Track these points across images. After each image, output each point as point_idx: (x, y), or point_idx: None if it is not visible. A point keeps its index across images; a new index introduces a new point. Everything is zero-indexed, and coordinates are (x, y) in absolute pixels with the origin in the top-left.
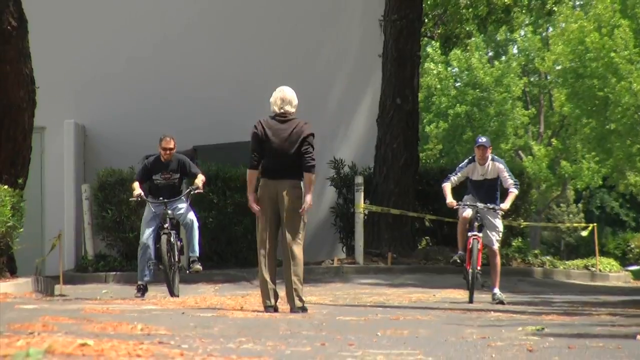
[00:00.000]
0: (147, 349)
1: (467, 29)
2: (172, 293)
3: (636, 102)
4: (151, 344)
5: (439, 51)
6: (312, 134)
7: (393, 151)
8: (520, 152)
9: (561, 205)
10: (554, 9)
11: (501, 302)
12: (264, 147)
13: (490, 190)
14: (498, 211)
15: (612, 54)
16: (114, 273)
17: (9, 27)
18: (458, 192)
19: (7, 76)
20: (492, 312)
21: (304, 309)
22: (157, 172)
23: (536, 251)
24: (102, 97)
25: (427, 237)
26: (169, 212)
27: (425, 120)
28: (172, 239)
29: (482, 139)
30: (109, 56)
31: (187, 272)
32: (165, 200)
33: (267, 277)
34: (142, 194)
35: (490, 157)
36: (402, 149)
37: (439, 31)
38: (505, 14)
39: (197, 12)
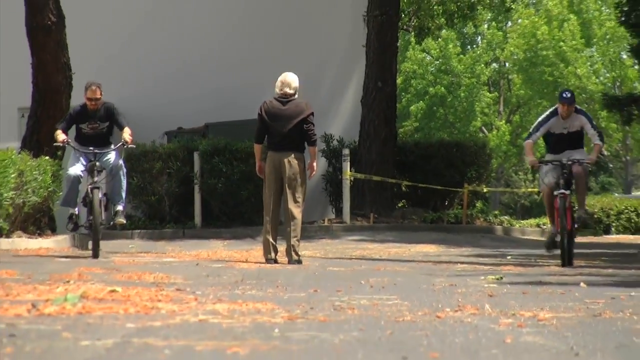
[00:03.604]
0: (167, 295)
1: (438, 22)
2: (97, 254)
3: (581, 84)
4: (170, 291)
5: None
6: (312, 113)
7: (375, 127)
8: (483, 128)
9: (519, 173)
10: (511, 6)
11: (584, 222)
12: (267, 125)
13: (573, 141)
14: (584, 164)
15: (561, 44)
16: (139, 231)
17: (49, 22)
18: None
19: (47, 64)
20: (458, 264)
21: (299, 262)
22: (83, 122)
23: (496, 212)
24: (127, 80)
25: (404, 200)
26: (97, 163)
27: (404, 100)
28: (101, 195)
29: (567, 94)
30: (133, 46)
31: (110, 223)
32: (96, 150)
33: (269, 235)
34: (67, 139)
35: (574, 110)
36: (383, 125)
37: (414, 24)
38: (470, 11)
39: (210, 7)
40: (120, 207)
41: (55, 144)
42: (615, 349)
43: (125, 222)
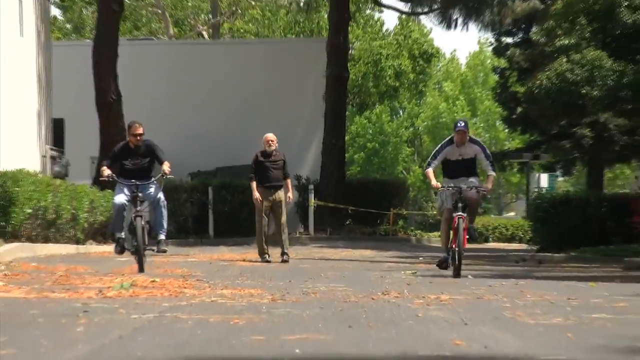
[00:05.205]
0: (190, 283)
1: (373, 99)
2: (142, 269)
3: None
4: (192, 281)
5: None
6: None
7: (331, 170)
8: (404, 171)
9: (428, 201)
10: (422, 89)
11: (472, 236)
12: None
13: (469, 167)
14: (481, 191)
15: (455, 115)
16: (171, 240)
17: (111, 100)
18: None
19: (110, 128)
20: (387, 263)
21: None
22: (126, 159)
23: (412, 227)
24: (163, 137)
25: (350, 220)
26: (140, 194)
27: (351, 152)
28: (143, 222)
29: (461, 124)
30: (170, 116)
31: (155, 251)
32: (138, 182)
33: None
34: (112, 173)
35: (467, 139)
36: (336, 169)
37: (356, 101)
38: (395, 92)
39: (220, 93)
40: (162, 237)
41: (101, 178)
42: (491, 320)
43: (167, 250)
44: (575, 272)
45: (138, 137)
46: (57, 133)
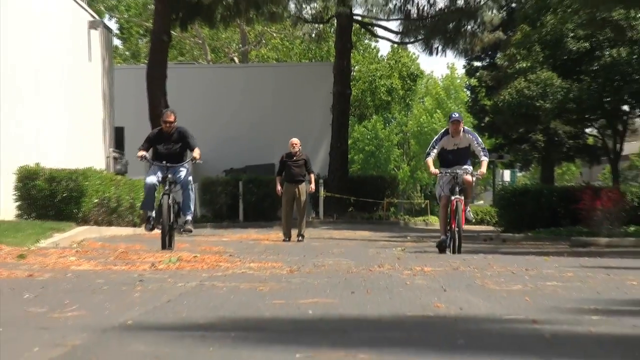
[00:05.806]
0: (225, 259)
1: (370, 111)
2: (167, 245)
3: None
4: (226, 256)
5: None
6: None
7: (336, 168)
8: (395, 169)
9: (414, 192)
10: (409, 102)
11: (468, 219)
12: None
13: (463, 156)
14: (475, 176)
15: (434, 125)
16: (209, 223)
17: (161, 112)
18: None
19: None
20: (381, 241)
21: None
22: (160, 143)
23: (401, 213)
24: (203, 141)
25: (352, 207)
26: (170, 175)
27: (352, 153)
28: (170, 201)
29: (455, 115)
30: (208, 122)
31: (181, 231)
32: (168, 164)
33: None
34: (146, 155)
35: (462, 129)
36: (340, 167)
37: (356, 112)
38: (387, 104)
39: (249, 104)
40: (189, 217)
41: (136, 157)
42: (465, 287)
43: (192, 230)
44: (532, 249)
45: (168, 124)
46: (118, 139)
